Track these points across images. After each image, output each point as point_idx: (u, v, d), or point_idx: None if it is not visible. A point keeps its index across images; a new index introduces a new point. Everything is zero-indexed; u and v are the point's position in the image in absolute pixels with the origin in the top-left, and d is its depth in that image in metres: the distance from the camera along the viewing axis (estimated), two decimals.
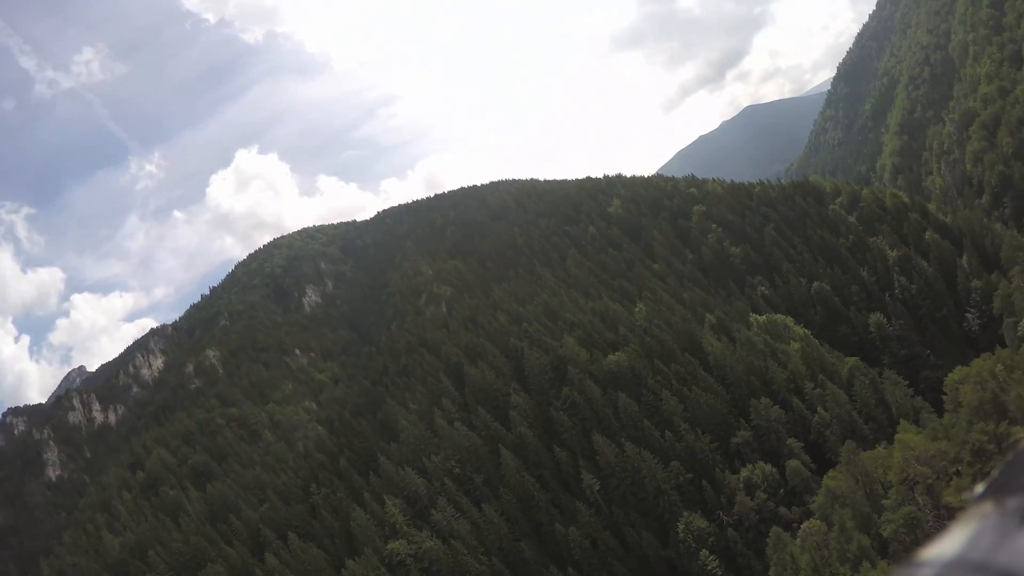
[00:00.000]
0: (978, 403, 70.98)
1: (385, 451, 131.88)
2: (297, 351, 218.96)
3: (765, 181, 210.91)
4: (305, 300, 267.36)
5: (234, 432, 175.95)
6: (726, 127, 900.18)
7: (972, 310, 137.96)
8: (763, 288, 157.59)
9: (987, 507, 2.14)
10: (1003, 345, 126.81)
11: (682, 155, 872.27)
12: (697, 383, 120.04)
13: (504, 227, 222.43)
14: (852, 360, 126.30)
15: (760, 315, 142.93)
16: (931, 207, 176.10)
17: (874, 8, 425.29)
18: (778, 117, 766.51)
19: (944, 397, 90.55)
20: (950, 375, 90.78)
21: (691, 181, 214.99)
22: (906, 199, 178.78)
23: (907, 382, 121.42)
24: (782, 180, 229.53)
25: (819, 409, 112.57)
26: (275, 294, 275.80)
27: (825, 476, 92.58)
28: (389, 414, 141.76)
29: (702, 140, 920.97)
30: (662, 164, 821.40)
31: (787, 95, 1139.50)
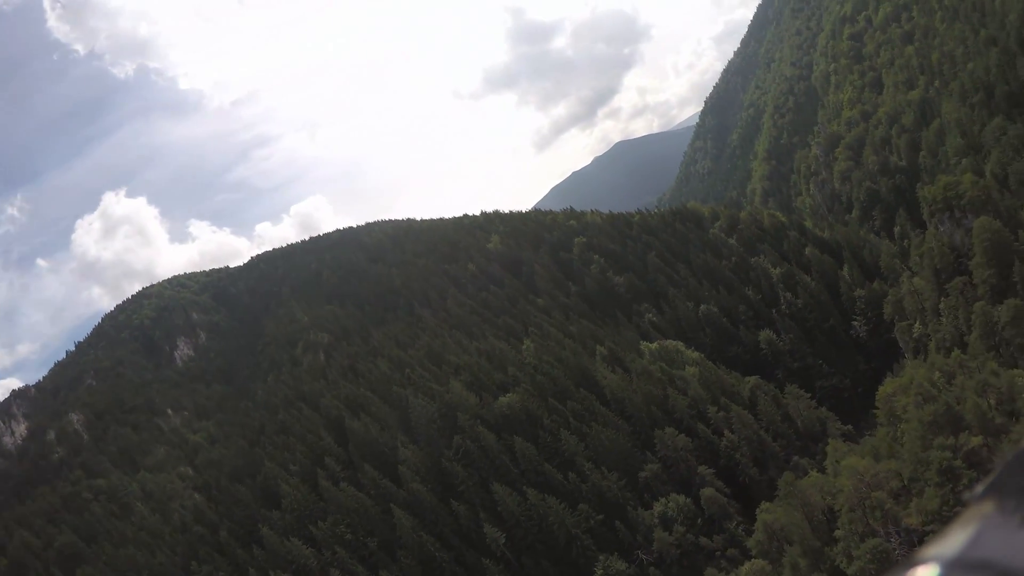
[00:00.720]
0: (932, 417, 65.38)
1: (267, 520, 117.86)
2: (169, 411, 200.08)
3: (644, 210, 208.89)
4: (177, 354, 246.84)
5: (103, 507, 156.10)
6: (599, 162, 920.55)
7: (858, 318, 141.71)
8: (650, 315, 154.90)
9: (987, 507, 2.13)
10: (895, 349, 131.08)
11: (557, 191, 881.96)
12: (596, 419, 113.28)
13: (382, 269, 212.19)
14: (752, 379, 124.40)
15: (651, 342, 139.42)
16: (808, 224, 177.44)
17: (739, 46, 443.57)
18: (648, 151, 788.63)
19: (876, 411, 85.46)
20: (882, 388, 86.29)
21: (570, 214, 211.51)
22: (784, 218, 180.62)
23: (809, 395, 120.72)
24: (660, 208, 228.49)
25: (726, 432, 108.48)
26: (145, 348, 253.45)
27: (759, 510, 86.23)
28: (269, 478, 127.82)
29: (576, 176, 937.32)
30: (537, 200, 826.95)
31: (656, 130, 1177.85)
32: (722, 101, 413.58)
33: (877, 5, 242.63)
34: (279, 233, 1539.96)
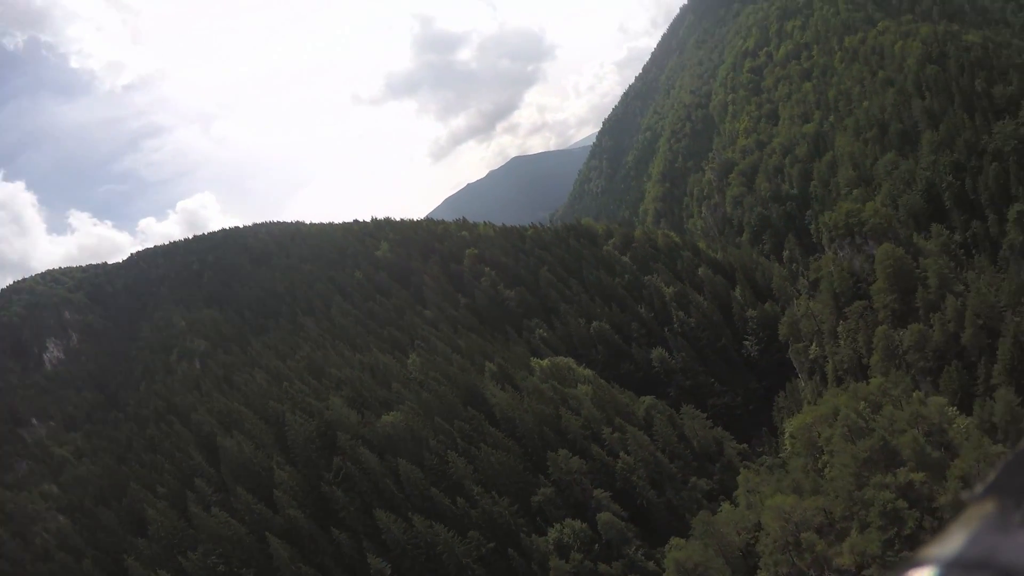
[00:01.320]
0: (869, 452, 61.13)
1: (133, 548, 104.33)
2: (34, 420, 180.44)
3: (537, 224, 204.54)
4: (46, 356, 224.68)
5: None
6: (494, 176, 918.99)
7: (749, 338, 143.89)
8: (541, 331, 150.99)
9: (987, 506, 2.11)
10: (786, 368, 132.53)
11: (450, 202, 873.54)
12: (485, 440, 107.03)
13: (265, 273, 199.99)
14: (647, 399, 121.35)
15: (542, 359, 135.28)
16: (701, 245, 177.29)
17: (640, 72, 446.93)
18: (544, 168, 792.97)
19: (790, 441, 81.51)
20: (799, 417, 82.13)
21: (462, 224, 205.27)
22: (677, 238, 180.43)
23: (705, 414, 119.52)
24: (553, 224, 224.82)
25: (621, 454, 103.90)
26: (12, 349, 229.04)
27: (668, 548, 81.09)
28: (136, 500, 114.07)
29: (470, 188, 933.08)
30: (431, 210, 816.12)
31: (553, 148, 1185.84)
32: (620, 123, 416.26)
33: (779, 42, 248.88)
34: (163, 230, 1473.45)
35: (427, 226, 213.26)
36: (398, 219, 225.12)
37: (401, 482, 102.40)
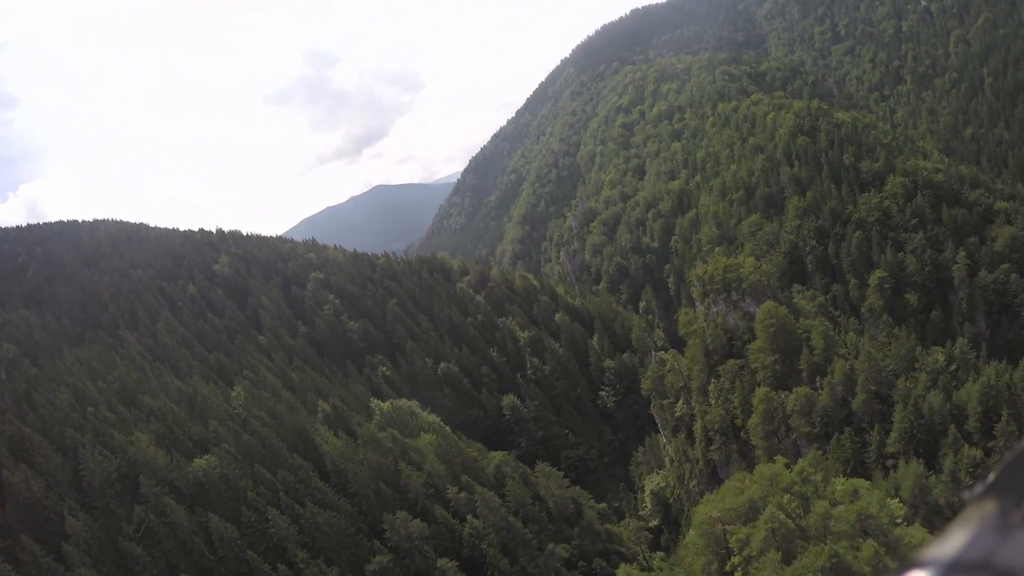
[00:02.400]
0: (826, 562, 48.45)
1: None
2: None
3: (391, 253, 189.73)
4: None
5: None
6: (355, 201, 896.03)
7: (606, 388, 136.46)
8: (385, 369, 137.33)
9: (987, 507, 2.08)
10: (643, 421, 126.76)
11: (309, 222, 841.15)
12: (313, 496, 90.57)
13: (94, 275, 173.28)
14: (498, 455, 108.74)
15: (383, 401, 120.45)
16: (560, 290, 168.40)
17: (513, 116, 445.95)
18: (406, 199, 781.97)
19: (692, 537, 68.76)
20: (701, 507, 69.05)
21: (311, 246, 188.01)
22: (535, 281, 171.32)
23: (562, 473, 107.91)
24: (407, 255, 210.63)
25: (469, 517, 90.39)
26: None
27: None
28: None
29: (330, 211, 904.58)
30: (288, 228, 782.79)
31: (417, 180, 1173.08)
32: (486, 163, 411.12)
33: (653, 102, 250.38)
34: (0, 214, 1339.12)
35: (273, 243, 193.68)
36: (246, 233, 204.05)
37: (212, 541, 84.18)
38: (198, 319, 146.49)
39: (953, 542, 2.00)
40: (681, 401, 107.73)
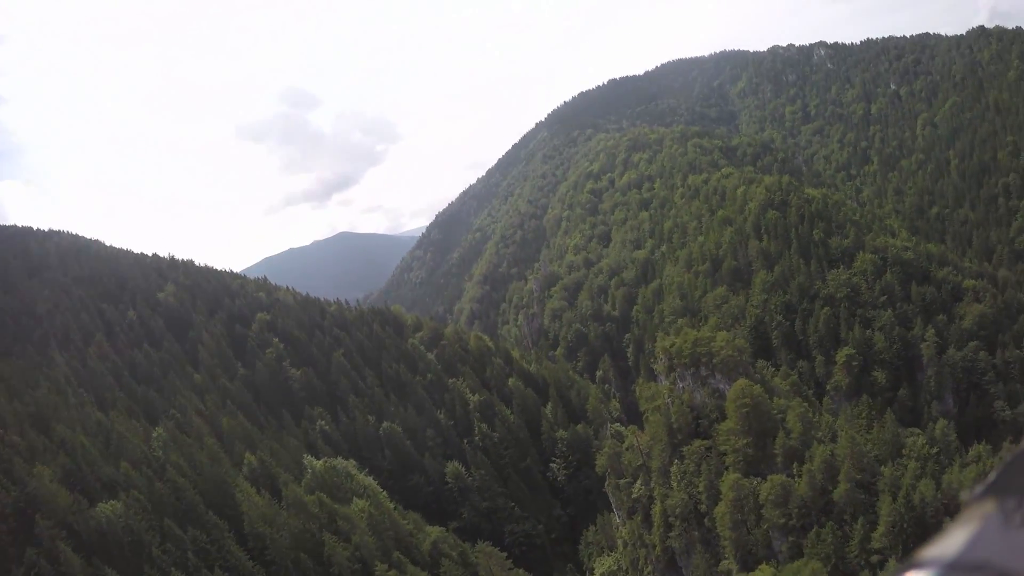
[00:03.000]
0: None
1: None
2: None
3: (343, 301, 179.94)
4: None
5: None
6: (319, 246, 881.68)
7: (557, 460, 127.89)
8: (324, 423, 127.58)
9: (987, 507, 2.07)
10: (596, 497, 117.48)
11: (269, 261, 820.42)
12: (225, 560, 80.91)
13: (35, 287, 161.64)
14: (435, 531, 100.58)
15: (318, 458, 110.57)
16: (515, 354, 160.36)
17: (483, 174, 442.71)
18: (369, 248, 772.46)
19: None
20: None
21: (261, 284, 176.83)
22: (491, 343, 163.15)
23: (505, 554, 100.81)
24: (361, 304, 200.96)
25: None
26: None
27: None
28: None
29: (293, 252, 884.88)
30: (248, 265, 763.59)
31: (383, 231, 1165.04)
32: (452, 219, 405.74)
33: (623, 170, 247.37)
34: None
35: (223, 277, 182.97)
36: (200, 264, 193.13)
37: None
38: (133, 348, 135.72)
39: (953, 542, 1.97)
40: (639, 481, 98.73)
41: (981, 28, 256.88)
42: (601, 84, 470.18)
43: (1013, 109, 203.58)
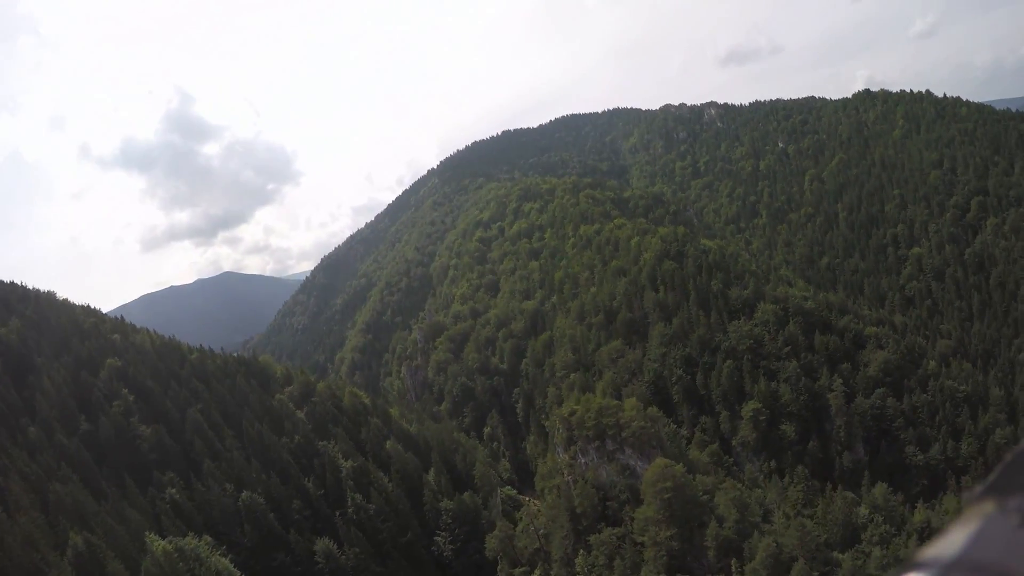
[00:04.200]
0: None
1: None
2: None
3: (207, 348, 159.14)
4: None
5: None
6: (202, 284, 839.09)
7: (442, 534, 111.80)
8: (174, 491, 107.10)
9: (987, 507, 2.04)
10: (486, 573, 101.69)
11: (148, 299, 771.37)
12: None
13: None
14: None
15: (163, 536, 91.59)
16: (394, 413, 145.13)
17: (372, 219, 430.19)
18: (254, 290, 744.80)
19: None
20: None
21: (118, 324, 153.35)
22: (367, 400, 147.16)
23: None
24: (227, 352, 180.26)
25: None
26: None
27: None
28: None
29: (174, 290, 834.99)
30: (123, 303, 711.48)
31: (269, 273, 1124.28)
32: (338, 264, 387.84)
33: (514, 220, 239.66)
34: None
35: (74, 312, 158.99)
36: (61, 298, 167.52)
37: None
38: None
39: (952, 543, 1.94)
40: (538, 572, 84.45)
41: (866, 91, 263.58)
42: (495, 135, 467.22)
43: (899, 165, 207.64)
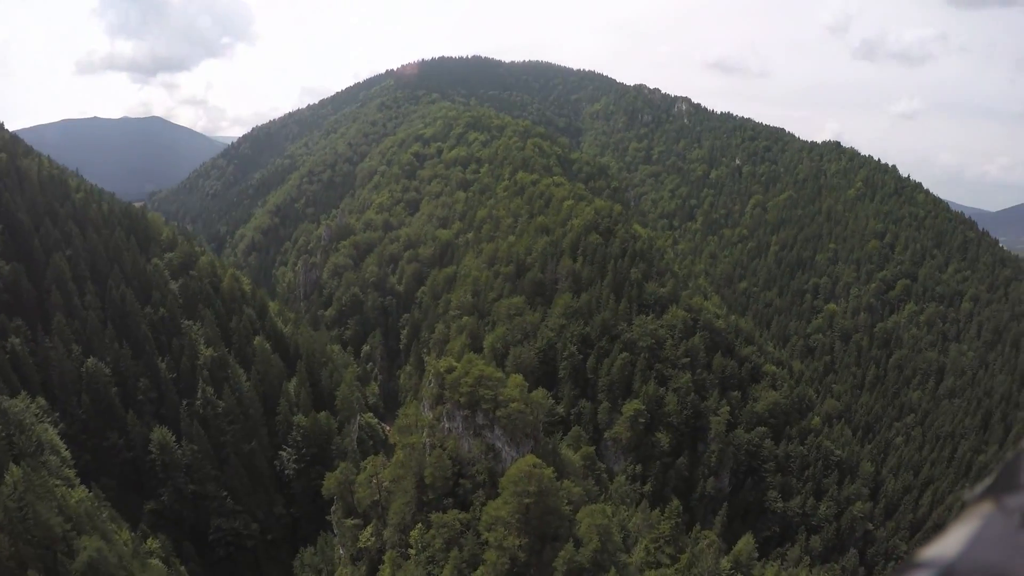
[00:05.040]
0: None
1: None
2: None
3: (99, 190, 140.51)
4: None
5: None
6: (127, 123, 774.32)
7: (289, 450, 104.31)
8: (18, 341, 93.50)
9: (987, 507, 2.04)
10: (329, 505, 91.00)
11: (67, 125, 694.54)
12: None
13: None
14: (94, 543, 69.34)
15: None
16: (273, 307, 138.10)
17: (316, 102, 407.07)
18: (177, 142, 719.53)
19: None
20: None
21: (7, 143, 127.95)
22: (247, 286, 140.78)
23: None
24: (127, 200, 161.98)
25: None
26: None
27: None
28: None
29: (98, 122, 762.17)
30: (41, 123, 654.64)
31: (198, 129, 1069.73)
32: (268, 138, 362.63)
33: (455, 145, 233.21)
34: None
35: None
36: None
37: None
38: None
39: (952, 543, 1.95)
40: (371, 528, 75.66)
41: (836, 144, 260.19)
42: (465, 57, 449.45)
43: (843, 222, 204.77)
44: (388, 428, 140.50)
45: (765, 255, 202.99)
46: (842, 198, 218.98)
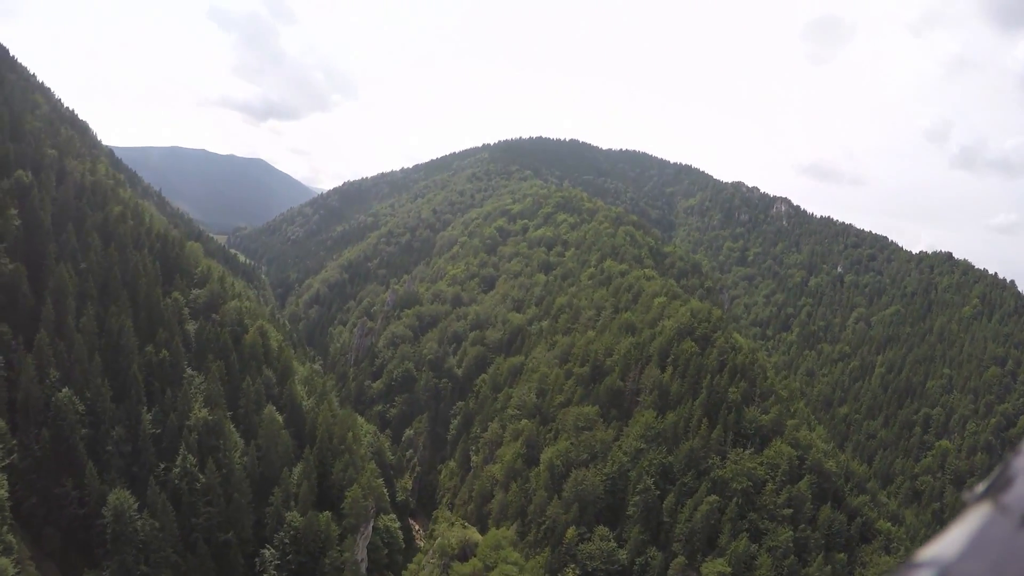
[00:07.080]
0: None
1: None
2: None
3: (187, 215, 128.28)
4: None
5: None
6: (232, 160, 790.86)
7: (273, 550, 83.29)
8: None
9: (987, 507, 1.99)
10: None
11: (177, 152, 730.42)
12: None
13: None
14: None
15: None
16: (301, 370, 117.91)
17: (410, 166, 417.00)
18: (276, 186, 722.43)
19: None
20: None
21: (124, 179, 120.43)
22: (276, 343, 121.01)
23: None
24: (213, 230, 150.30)
25: None
26: None
27: None
28: None
29: (205, 154, 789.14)
30: (153, 145, 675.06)
31: (298, 177, 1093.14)
32: (358, 194, 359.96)
33: (542, 224, 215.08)
34: None
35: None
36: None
37: None
38: None
39: (952, 543, 1.88)
40: None
41: (948, 255, 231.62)
42: (563, 139, 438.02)
43: (958, 344, 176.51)
44: (418, 528, 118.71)
45: (869, 377, 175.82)
46: (956, 316, 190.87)
